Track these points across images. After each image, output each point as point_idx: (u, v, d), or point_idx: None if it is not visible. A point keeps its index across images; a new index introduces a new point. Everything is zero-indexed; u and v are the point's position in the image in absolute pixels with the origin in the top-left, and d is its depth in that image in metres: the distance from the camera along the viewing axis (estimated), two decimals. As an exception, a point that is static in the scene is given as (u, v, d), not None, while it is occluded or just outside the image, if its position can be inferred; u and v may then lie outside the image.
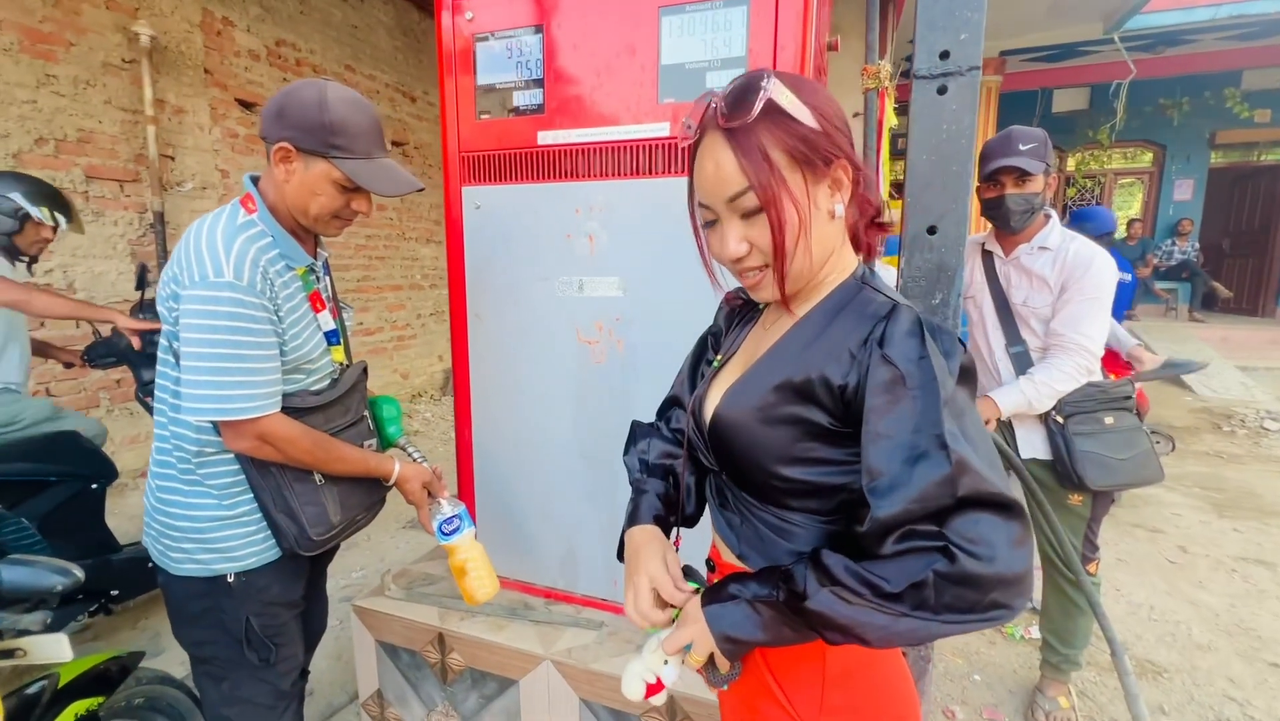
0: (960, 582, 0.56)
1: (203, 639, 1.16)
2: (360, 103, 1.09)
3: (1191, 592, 2.68)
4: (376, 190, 1.10)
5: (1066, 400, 1.69)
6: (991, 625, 0.59)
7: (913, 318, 0.64)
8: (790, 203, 0.65)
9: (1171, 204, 8.98)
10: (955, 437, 0.58)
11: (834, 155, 0.67)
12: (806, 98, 0.66)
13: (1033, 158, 1.66)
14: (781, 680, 0.73)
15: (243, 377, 1.00)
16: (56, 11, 2.91)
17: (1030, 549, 0.58)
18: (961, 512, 0.57)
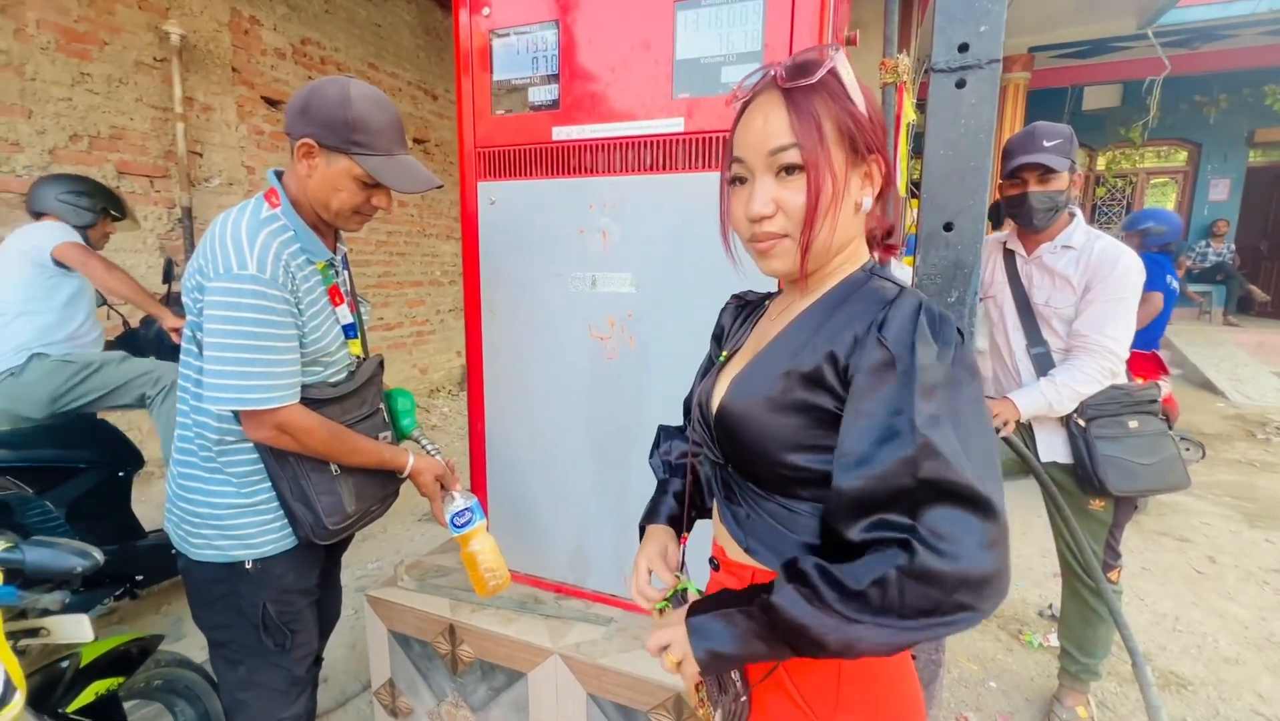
0: (920, 579, 0.55)
1: (220, 623, 1.19)
2: (382, 101, 1.11)
3: (1219, 604, 2.60)
4: (396, 187, 1.12)
5: (1089, 403, 1.65)
6: (957, 628, 0.57)
7: (915, 303, 0.64)
8: (829, 172, 0.65)
9: (1207, 204, 8.72)
10: (932, 421, 0.57)
11: (874, 147, 0.68)
12: (862, 88, 0.68)
13: (1057, 154, 1.62)
14: (795, 675, 0.72)
15: (264, 369, 1.03)
16: (91, 11, 2.99)
17: (1004, 551, 0.56)
18: (931, 505, 0.56)
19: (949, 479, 0.56)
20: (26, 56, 2.76)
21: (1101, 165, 9.30)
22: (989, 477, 0.57)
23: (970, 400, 0.60)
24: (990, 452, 0.59)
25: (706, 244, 1.30)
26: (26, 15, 2.75)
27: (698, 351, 1.40)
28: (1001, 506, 0.56)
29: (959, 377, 0.60)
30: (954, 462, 0.56)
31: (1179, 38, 6.43)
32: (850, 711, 0.70)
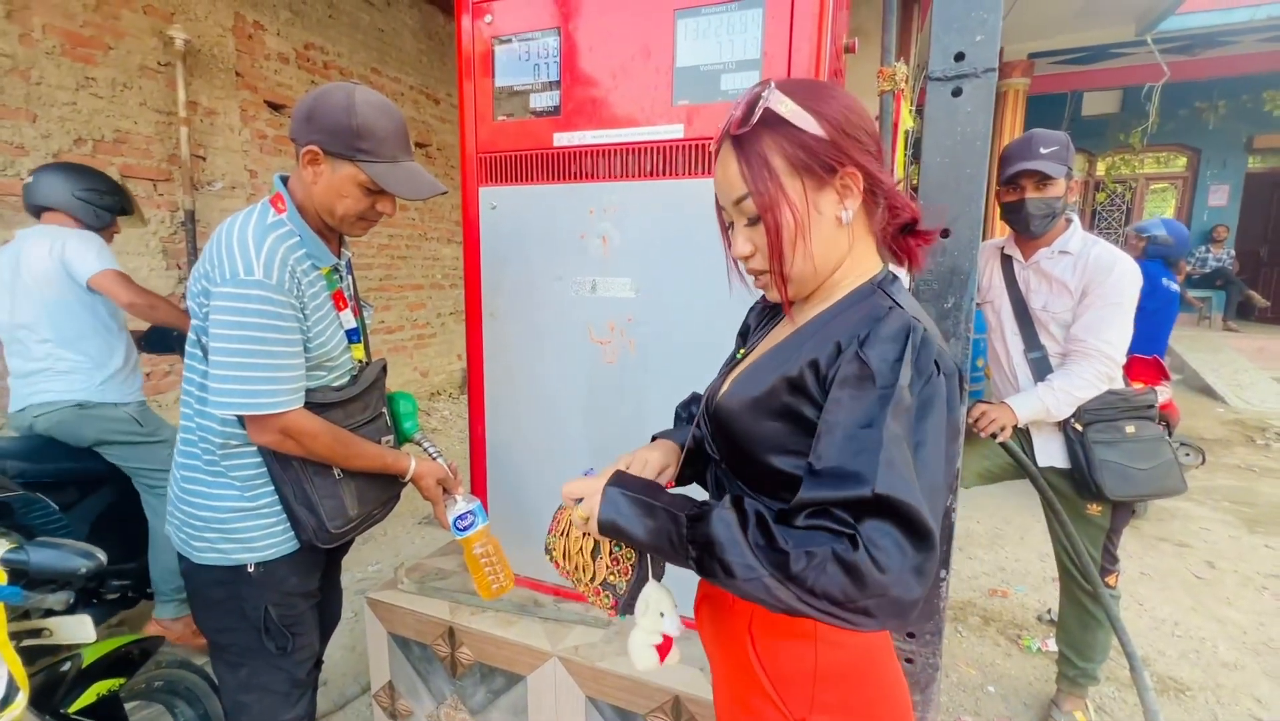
0: (849, 571, 0.57)
1: (222, 626, 1.19)
2: (387, 107, 1.12)
3: (1218, 609, 2.60)
4: (400, 194, 1.13)
5: (1086, 407, 1.66)
6: (847, 626, 0.59)
7: (902, 325, 0.64)
8: (787, 208, 0.68)
9: (1206, 209, 8.74)
10: (896, 441, 0.59)
11: (838, 162, 0.68)
12: (815, 105, 0.68)
13: (1054, 161, 1.63)
14: (773, 676, 0.73)
15: (269, 374, 1.03)
16: (96, 16, 3.01)
17: (928, 580, 0.58)
18: (877, 518, 0.58)
19: (900, 499, 0.57)
20: (32, 61, 2.78)
21: (1101, 171, 9.32)
22: (934, 509, 0.59)
23: (933, 432, 0.61)
24: (939, 487, 0.60)
25: (706, 249, 1.31)
26: (32, 20, 2.77)
27: (697, 355, 1.41)
28: (936, 539, 0.58)
29: (928, 407, 0.62)
30: (912, 485, 0.58)
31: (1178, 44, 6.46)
32: (826, 712, 0.71)
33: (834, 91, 0.71)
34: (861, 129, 0.69)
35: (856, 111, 0.70)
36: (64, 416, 1.87)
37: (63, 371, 1.89)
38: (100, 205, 2.00)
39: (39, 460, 1.83)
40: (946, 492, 0.61)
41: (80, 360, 1.91)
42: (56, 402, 1.87)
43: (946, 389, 0.63)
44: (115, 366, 1.98)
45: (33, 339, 1.88)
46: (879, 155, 0.71)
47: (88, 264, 1.87)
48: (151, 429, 1.99)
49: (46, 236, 1.88)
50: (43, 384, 1.87)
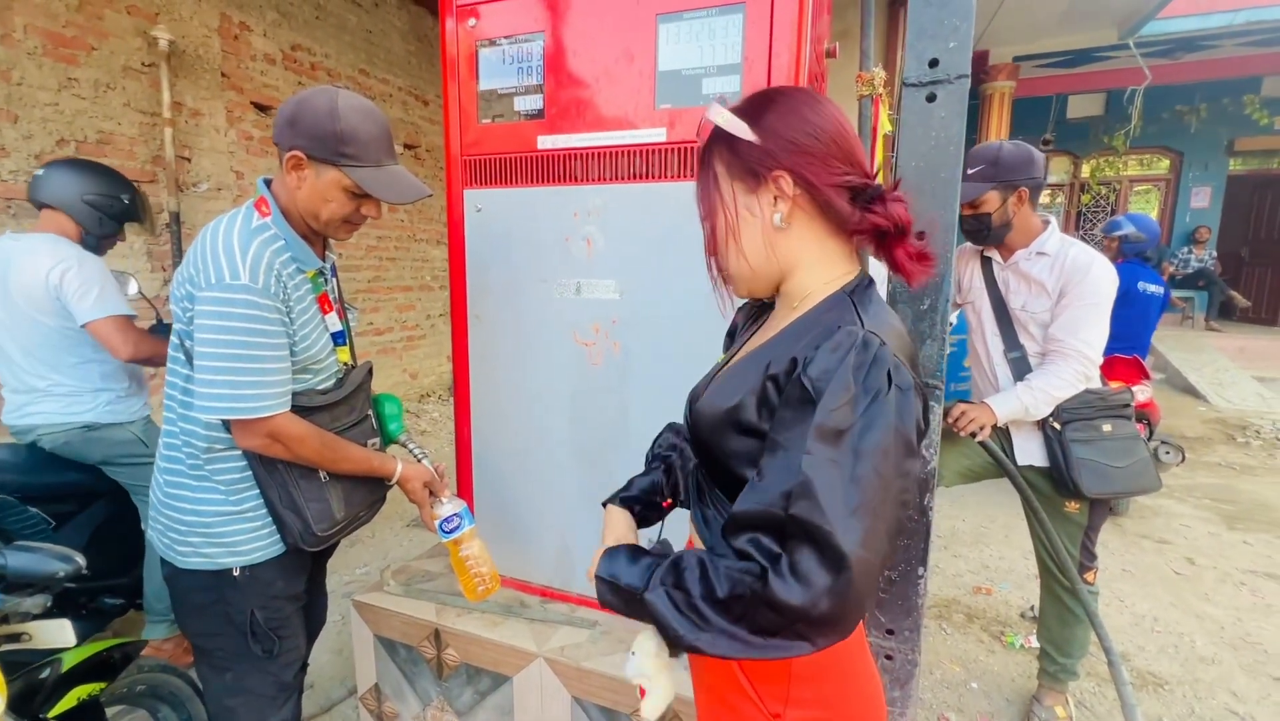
0: (766, 604, 0.60)
1: (208, 630, 1.19)
2: (371, 111, 1.12)
3: (1197, 605, 2.64)
4: (385, 198, 1.13)
5: (1064, 406, 1.69)
6: (794, 653, 0.62)
7: (850, 342, 0.63)
8: (721, 211, 0.74)
9: (1189, 211, 8.87)
10: (817, 464, 0.59)
11: (764, 166, 0.71)
12: (754, 113, 0.72)
13: (976, 180, 1.69)
14: (750, 674, 0.75)
15: (255, 378, 1.03)
16: (79, 16, 2.98)
17: (845, 600, 0.58)
18: (795, 541, 0.60)
19: (814, 522, 0.58)
20: (13, 61, 2.76)
21: (1086, 173, 9.43)
22: (859, 529, 0.58)
23: (875, 450, 0.60)
24: (873, 505, 0.59)
25: (689, 251, 1.32)
26: (14, 20, 2.74)
27: (681, 357, 1.42)
28: (859, 559, 0.58)
29: (871, 426, 0.60)
30: (825, 508, 0.58)
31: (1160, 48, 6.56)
32: (801, 707, 0.73)
33: (789, 99, 0.72)
34: (807, 133, 0.70)
35: (809, 118, 0.70)
36: (70, 438, 1.83)
37: (60, 395, 1.82)
38: (109, 212, 1.87)
39: (38, 473, 1.79)
40: (893, 508, 0.61)
41: (79, 386, 1.83)
42: (62, 424, 1.82)
43: (899, 403, 0.61)
44: (121, 389, 1.92)
45: (30, 360, 1.80)
46: (830, 159, 0.70)
47: (86, 305, 1.75)
48: (155, 449, 1.94)
49: (46, 253, 1.74)
50: (40, 404, 1.81)
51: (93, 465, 1.90)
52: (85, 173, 1.87)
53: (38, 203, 1.85)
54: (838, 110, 0.73)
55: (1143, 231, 3.26)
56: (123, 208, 1.91)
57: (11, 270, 1.74)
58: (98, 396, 1.86)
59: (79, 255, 1.79)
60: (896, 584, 1.26)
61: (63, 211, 1.83)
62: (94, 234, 1.89)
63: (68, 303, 1.75)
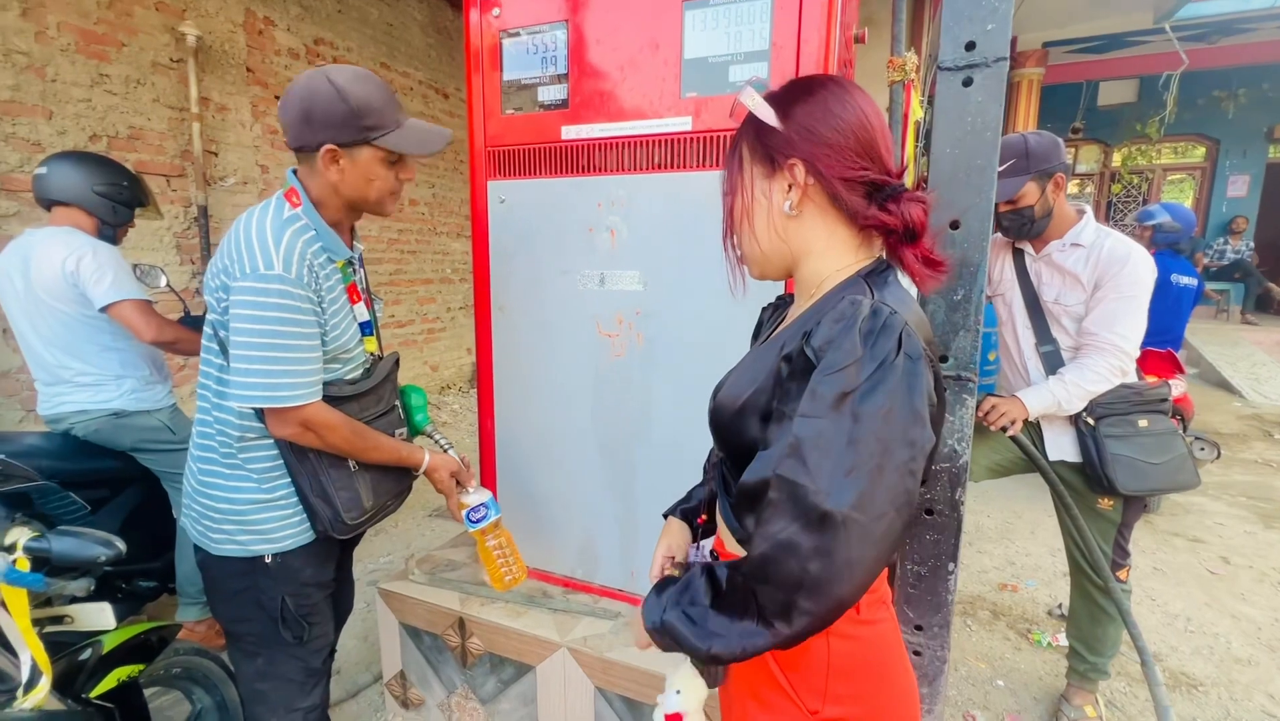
0: (762, 580, 0.60)
1: (239, 615, 1.21)
2: (367, 76, 1.11)
3: (1232, 605, 2.57)
4: (420, 151, 1.15)
5: (1098, 401, 1.64)
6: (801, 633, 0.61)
7: (854, 310, 0.63)
8: (740, 192, 0.76)
9: (1225, 201, 8.59)
10: (809, 424, 0.59)
11: (781, 153, 0.71)
12: (782, 100, 0.72)
13: (1009, 176, 1.63)
14: (787, 670, 0.74)
15: (289, 367, 1.04)
16: (110, 14, 3.03)
17: (831, 563, 0.57)
18: (779, 505, 0.60)
19: (796, 480, 0.58)
20: (47, 58, 2.81)
21: (1117, 162, 9.18)
22: (852, 491, 0.57)
23: (877, 413, 0.58)
24: (871, 469, 0.58)
25: (714, 242, 1.31)
26: (48, 18, 2.80)
27: (705, 348, 1.41)
28: (850, 520, 0.57)
29: (876, 389, 0.59)
30: (812, 467, 0.58)
31: (1197, 32, 6.33)
32: (839, 704, 0.72)
33: (820, 90, 0.71)
34: (827, 124, 0.69)
35: (833, 109, 0.70)
36: (101, 425, 1.88)
37: (85, 384, 1.87)
38: (119, 200, 1.90)
39: (72, 460, 1.84)
40: (897, 476, 0.59)
41: (101, 374, 1.88)
42: (92, 411, 1.87)
43: (907, 370, 0.60)
44: (142, 376, 1.96)
45: (53, 351, 1.84)
46: (847, 152, 0.69)
47: (102, 289, 1.78)
48: (183, 436, 1.97)
49: (60, 244, 1.78)
50: (68, 395, 1.86)
51: (123, 452, 1.95)
52: (88, 164, 1.88)
53: (47, 201, 1.86)
54: (869, 104, 0.72)
55: (1178, 221, 3.16)
56: (130, 194, 1.93)
57: (31, 263, 1.78)
58: (121, 383, 1.91)
59: (93, 244, 1.82)
60: (925, 579, 1.24)
61: (76, 206, 1.85)
62: (109, 223, 1.91)
63: (85, 288, 1.78)
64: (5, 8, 2.65)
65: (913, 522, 0.64)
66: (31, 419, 2.83)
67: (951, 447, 1.20)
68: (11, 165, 2.73)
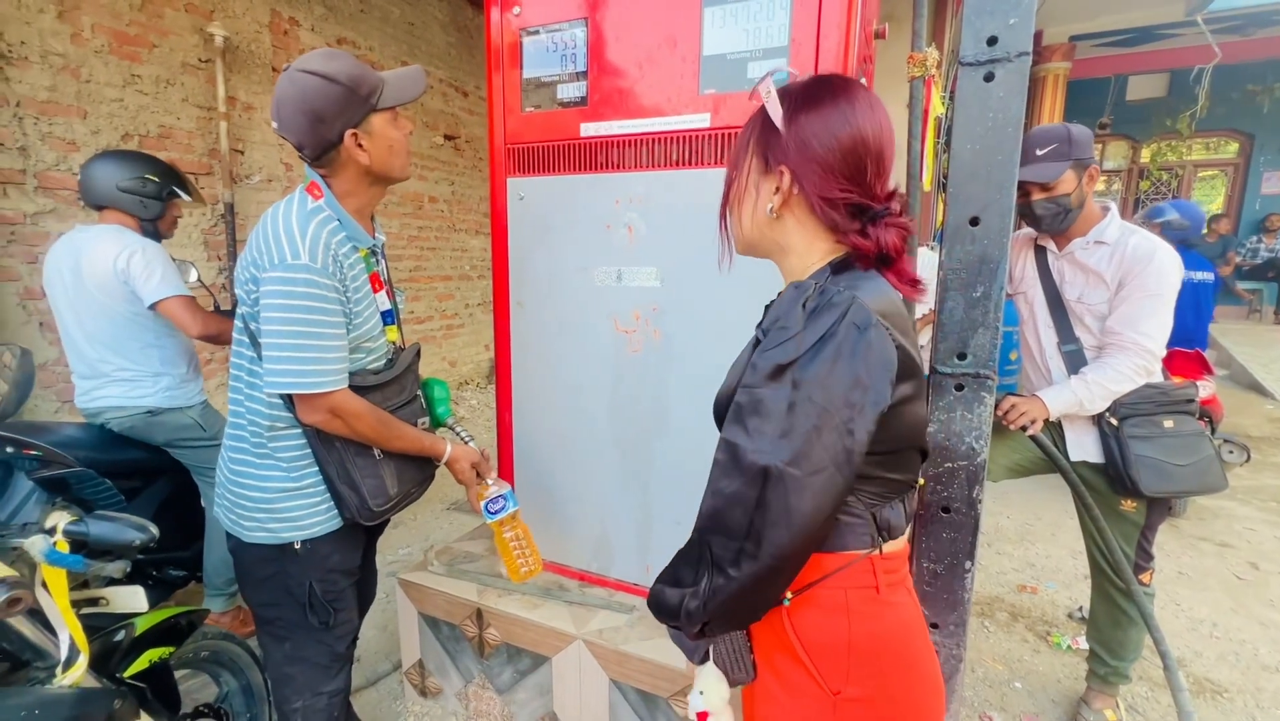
0: (711, 530, 0.69)
1: (269, 600, 1.25)
2: (333, 53, 1.12)
3: (1261, 611, 2.52)
4: (414, 94, 1.19)
5: (1122, 401, 1.62)
6: (750, 575, 0.67)
7: (797, 292, 0.71)
8: (738, 172, 0.79)
9: (1259, 197, 8.34)
10: (748, 393, 0.67)
11: (776, 159, 0.75)
12: (793, 104, 0.73)
13: (1052, 160, 1.60)
14: (810, 649, 0.75)
15: (317, 354, 1.08)
16: (142, 15, 3.11)
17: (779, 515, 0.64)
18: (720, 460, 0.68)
19: (737, 444, 0.66)
20: (82, 60, 2.89)
21: (1146, 158, 8.96)
22: (788, 449, 0.63)
23: (816, 381, 0.64)
24: (808, 430, 0.64)
25: (731, 238, 1.31)
26: (82, 20, 2.88)
27: (722, 345, 1.41)
28: (786, 475, 0.63)
29: (818, 358, 0.65)
30: (751, 432, 0.66)
31: (1231, 24, 6.16)
32: (860, 683, 0.74)
33: (827, 99, 0.72)
34: (822, 141, 0.71)
35: (832, 125, 0.71)
36: (135, 421, 1.94)
37: (124, 380, 1.92)
38: (145, 193, 1.92)
39: (108, 450, 1.90)
40: (835, 435, 0.64)
41: (140, 371, 1.93)
42: (128, 408, 1.92)
43: (852, 339, 0.65)
44: (179, 374, 2.01)
45: (96, 345, 1.89)
46: (834, 173, 0.71)
47: (151, 286, 1.83)
48: (213, 432, 2.03)
49: (111, 241, 1.83)
50: (107, 389, 1.91)
51: (156, 445, 2.00)
52: (111, 164, 1.92)
53: (95, 206, 1.94)
54: (872, 124, 0.72)
55: (1186, 218, 3.10)
56: (155, 186, 1.95)
57: (83, 259, 1.84)
58: (158, 381, 1.96)
59: (142, 241, 1.88)
60: (942, 577, 1.24)
61: (113, 208, 1.91)
62: (144, 218, 1.95)
63: (135, 285, 1.84)
64: (43, 10, 2.74)
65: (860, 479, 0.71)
66: (67, 410, 2.92)
67: (969, 446, 1.19)
68: (48, 163, 2.81)
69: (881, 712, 0.74)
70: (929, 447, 1.00)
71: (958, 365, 1.17)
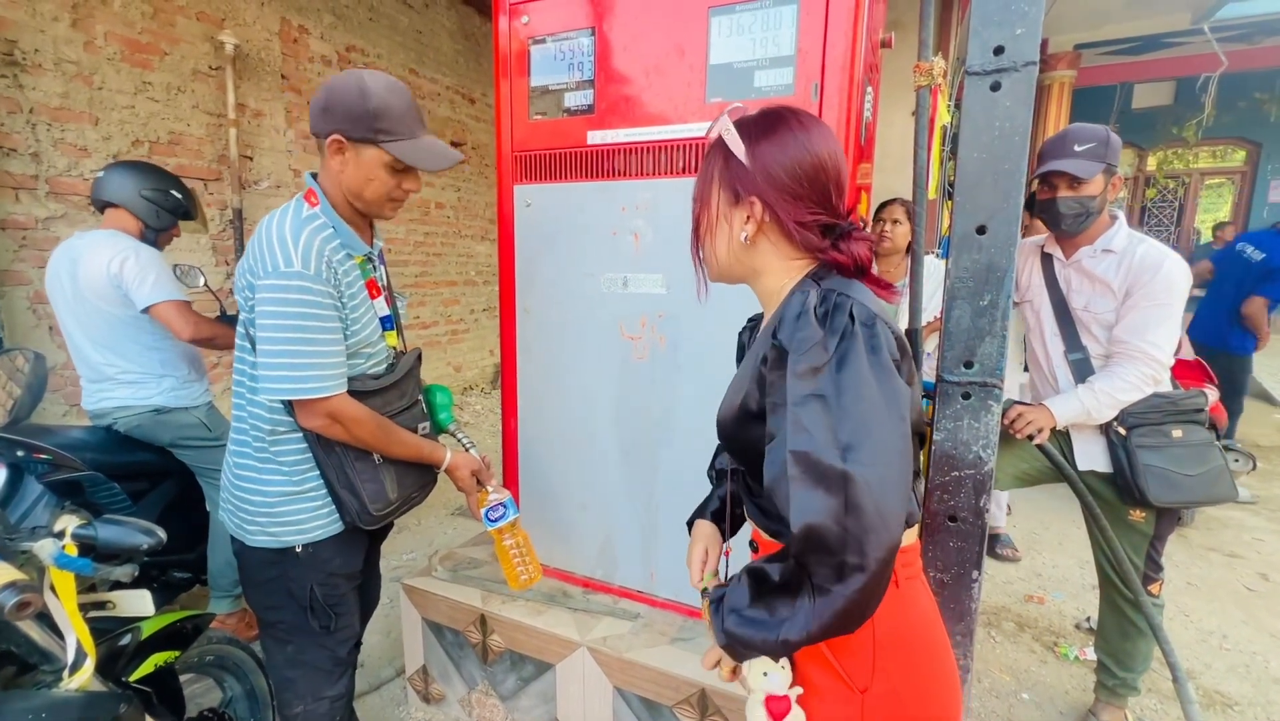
0: (810, 554, 0.64)
1: (271, 604, 1.26)
2: (397, 87, 1.15)
3: (1271, 623, 2.49)
4: (423, 167, 1.16)
5: (1130, 410, 1.61)
6: (862, 600, 0.64)
7: (803, 298, 0.73)
8: (705, 206, 0.82)
9: (1266, 206, 8.31)
10: (803, 400, 0.66)
11: (745, 190, 0.77)
12: (754, 138, 0.77)
13: (1089, 159, 1.59)
14: (835, 649, 0.76)
15: (314, 360, 1.08)
16: (154, 23, 3.15)
17: (857, 516, 0.62)
18: (799, 479, 0.64)
19: (808, 452, 0.64)
20: (95, 67, 2.93)
21: (1152, 166, 8.94)
22: (853, 447, 0.63)
23: (853, 377, 0.66)
24: (867, 424, 0.64)
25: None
26: (95, 28, 2.91)
27: (727, 353, 1.41)
28: (862, 476, 0.62)
29: (846, 358, 0.66)
30: (815, 436, 0.64)
31: (1238, 32, 6.14)
32: (887, 678, 0.74)
33: (784, 130, 0.76)
34: (787, 170, 0.75)
35: (792, 155, 0.75)
36: (142, 420, 1.96)
37: (128, 382, 1.94)
38: (164, 206, 1.99)
39: (114, 453, 1.92)
40: (894, 424, 0.65)
41: (143, 372, 1.96)
42: (135, 407, 1.95)
43: (866, 336, 0.67)
44: (181, 375, 2.04)
45: (98, 349, 1.92)
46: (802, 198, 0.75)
47: (144, 290, 1.85)
48: (218, 433, 2.05)
49: (105, 246, 1.85)
50: (112, 391, 1.94)
51: (161, 447, 2.02)
52: (141, 171, 1.99)
53: (101, 202, 1.96)
54: (827, 145, 0.77)
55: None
56: (175, 201, 2.03)
57: (79, 266, 1.86)
58: (161, 381, 1.99)
59: (136, 246, 1.90)
60: (949, 586, 1.23)
61: (124, 208, 1.95)
62: (153, 227, 2.00)
63: (128, 290, 1.86)
64: (57, 19, 2.77)
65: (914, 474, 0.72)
66: (74, 413, 2.94)
67: (976, 454, 1.19)
68: (60, 169, 2.84)
69: (908, 706, 0.75)
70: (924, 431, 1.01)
71: (964, 373, 1.17)
